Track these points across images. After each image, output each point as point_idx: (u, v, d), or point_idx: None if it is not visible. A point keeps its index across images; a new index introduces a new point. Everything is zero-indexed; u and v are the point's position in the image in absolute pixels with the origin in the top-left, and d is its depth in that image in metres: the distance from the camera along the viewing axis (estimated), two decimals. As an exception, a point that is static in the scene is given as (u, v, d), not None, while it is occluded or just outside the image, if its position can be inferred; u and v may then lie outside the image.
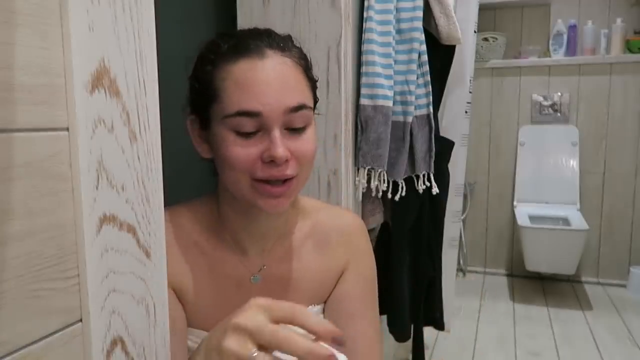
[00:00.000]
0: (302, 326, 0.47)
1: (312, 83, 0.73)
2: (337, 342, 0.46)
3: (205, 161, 0.74)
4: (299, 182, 0.70)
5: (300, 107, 0.67)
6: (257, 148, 0.66)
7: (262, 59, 0.66)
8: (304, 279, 0.79)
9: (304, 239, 0.80)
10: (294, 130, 0.68)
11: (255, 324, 0.46)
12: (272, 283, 0.77)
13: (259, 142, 0.66)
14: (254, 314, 0.47)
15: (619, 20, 2.95)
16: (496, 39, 3.14)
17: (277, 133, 0.65)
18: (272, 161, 0.65)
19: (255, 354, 0.45)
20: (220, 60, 0.68)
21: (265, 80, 0.65)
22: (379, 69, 1.23)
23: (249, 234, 0.76)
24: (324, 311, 0.82)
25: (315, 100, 0.74)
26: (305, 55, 0.73)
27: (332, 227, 0.82)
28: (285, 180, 0.67)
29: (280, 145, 0.65)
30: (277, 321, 0.47)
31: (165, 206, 0.53)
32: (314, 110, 0.73)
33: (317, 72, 0.78)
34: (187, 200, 0.79)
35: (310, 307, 0.79)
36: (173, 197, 0.72)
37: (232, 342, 0.46)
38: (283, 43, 0.70)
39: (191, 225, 0.75)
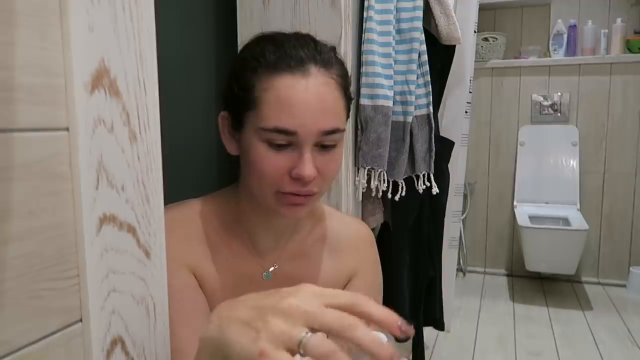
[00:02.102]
0: (366, 315, 0.42)
1: (349, 102, 0.74)
2: (405, 334, 0.42)
3: (232, 157, 0.76)
4: (319, 195, 0.73)
5: (334, 131, 0.69)
6: (286, 162, 0.68)
7: (305, 77, 0.67)
8: (314, 280, 0.80)
9: (316, 242, 0.82)
10: (324, 148, 0.70)
11: (313, 307, 0.42)
12: (283, 281, 0.78)
13: (289, 157, 0.68)
14: (309, 297, 0.44)
15: (619, 20, 2.95)
16: (496, 39, 3.14)
17: (308, 154, 0.67)
18: (299, 178, 0.67)
19: (309, 334, 0.40)
20: (264, 69, 0.68)
21: (305, 102, 0.66)
22: (379, 69, 1.23)
23: (264, 231, 0.78)
24: None
25: (349, 113, 0.76)
26: (346, 72, 0.74)
27: (343, 234, 0.84)
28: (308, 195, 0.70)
29: (310, 166, 0.67)
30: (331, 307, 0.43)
31: (165, 206, 0.53)
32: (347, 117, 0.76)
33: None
34: (209, 193, 0.81)
35: None
36: (173, 197, 0.72)
37: (281, 323, 0.41)
38: (327, 57, 0.70)
39: (210, 219, 0.77)
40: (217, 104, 1.20)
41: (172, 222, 0.71)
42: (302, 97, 0.66)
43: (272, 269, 0.78)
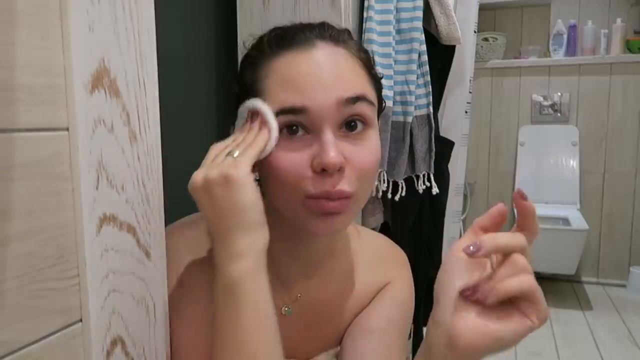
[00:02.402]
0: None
1: (376, 81, 0.61)
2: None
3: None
4: (357, 199, 0.58)
5: (358, 99, 0.55)
6: (306, 153, 0.55)
7: (309, 50, 0.56)
8: (342, 307, 0.72)
9: (347, 264, 0.73)
10: (350, 130, 0.56)
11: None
12: (307, 312, 0.70)
13: (309, 146, 0.55)
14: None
15: (619, 20, 2.95)
16: (496, 39, 3.14)
17: (328, 134, 0.54)
18: (323, 170, 0.54)
19: None
20: (262, 57, 0.59)
21: (312, 71, 0.55)
22: (378, 69, 1.23)
23: (291, 258, 0.67)
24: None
25: (380, 104, 0.63)
26: (365, 50, 0.62)
27: (376, 253, 0.76)
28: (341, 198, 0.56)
29: (332, 149, 0.54)
30: None
31: (165, 208, 0.53)
32: (378, 115, 0.62)
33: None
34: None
35: (332, 350, 0.73)
36: (173, 197, 0.72)
37: None
38: (338, 34, 0.60)
39: None
40: (217, 105, 1.20)
41: (187, 247, 0.63)
42: (306, 68, 0.55)
43: (296, 300, 0.69)
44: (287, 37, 0.58)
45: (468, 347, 0.47)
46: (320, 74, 0.55)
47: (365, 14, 1.25)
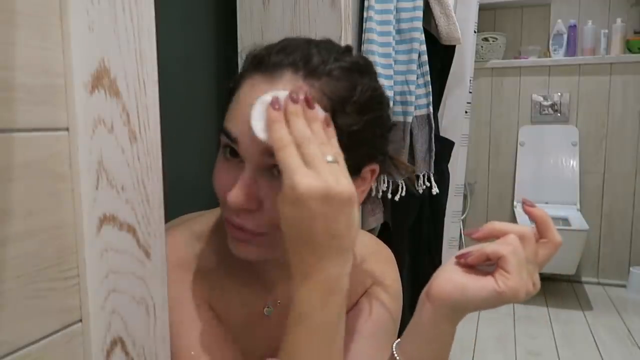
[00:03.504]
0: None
1: (345, 129, 0.52)
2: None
3: None
4: (273, 240, 0.55)
5: None
6: (230, 179, 0.54)
7: (272, 81, 0.53)
8: None
9: None
10: (279, 173, 0.49)
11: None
12: (286, 313, 0.70)
13: (236, 173, 0.54)
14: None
15: (619, 20, 2.95)
16: (496, 39, 3.14)
17: (247, 173, 0.53)
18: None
19: None
20: (243, 68, 0.59)
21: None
22: (378, 69, 1.23)
23: (269, 261, 0.66)
24: None
25: (361, 151, 0.56)
26: (352, 91, 0.54)
27: (361, 252, 0.74)
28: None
29: (238, 190, 0.52)
30: None
31: (165, 208, 0.53)
32: (361, 165, 0.57)
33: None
34: (207, 213, 0.70)
35: None
36: (173, 197, 0.72)
37: None
38: (316, 67, 0.54)
39: (217, 247, 0.66)
40: (217, 105, 1.20)
41: (178, 253, 0.64)
42: (253, 99, 0.51)
43: (279, 302, 0.69)
44: (264, 58, 0.55)
45: (438, 294, 0.53)
46: None
47: (365, 14, 1.25)
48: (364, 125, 0.55)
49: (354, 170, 0.55)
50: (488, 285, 0.51)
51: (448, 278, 0.53)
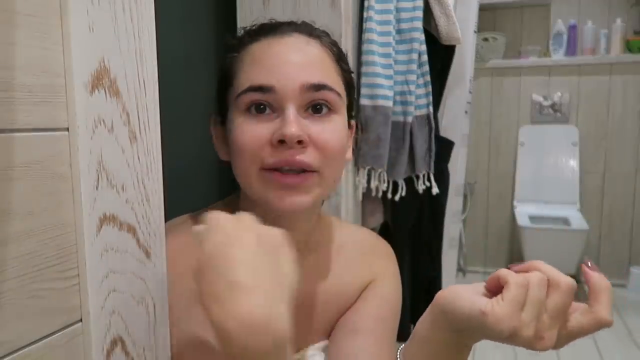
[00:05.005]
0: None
1: (346, 75, 0.65)
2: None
3: (225, 165, 0.67)
4: (322, 179, 0.59)
5: (322, 87, 0.58)
6: (268, 129, 0.57)
7: (284, 37, 0.61)
8: (327, 301, 0.72)
9: (331, 257, 0.73)
10: (316, 112, 0.59)
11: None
12: (291, 307, 0.70)
13: (272, 123, 0.57)
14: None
15: (619, 20, 2.95)
16: (496, 39, 3.14)
17: (291, 110, 0.57)
18: (283, 142, 0.55)
19: None
20: (241, 43, 0.63)
21: (283, 55, 0.59)
22: (378, 69, 1.22)
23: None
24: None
25: (350, 99, 0.66)
26: (339, 46, 0.66)
27: (360, 247, 0.76)
28: (303, 172, 0.57)
29: (294, 123, 0.55)
30: None
31: (165, 208, 0.53)
32: (351, 110, 0.66)
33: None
34: (201, 210, 0.70)
35: (322, 342, 0.73)
36: (173, 198, 0.72)
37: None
38: (313, 30, 0.64)
39: None
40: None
41: (175, 252, 0.62)
42: (279, 51, 0.59)
43: None
44: (266, 27, 0.63)
45: (437, 296, 0.52)
46: (290, 58, 0.59)
47: (365, 14, 1.25)
48: (350, 73, 0.67)
49: (349, 115, 0.66)
50: (478, 302, 0.47)
51: (455, 286, 0.52)
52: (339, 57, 0.65)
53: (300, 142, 0.56)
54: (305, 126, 0.57)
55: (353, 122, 0.70)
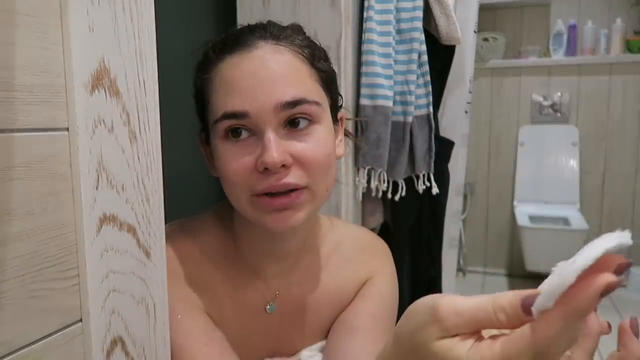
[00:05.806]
0: None
1: (323, 74, 0.62)
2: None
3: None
4: (312, 193, 0.59)
5: (297, 102, 0.56)
6: (252, 156, 0.57)
7: (250, 51, 0.58)
8: (324, 301, 0.72)
9: (326, 258, 0.73)
10: (294, 127, 0.57)
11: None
12: (288, 309, 0.71)
13: (254, 148, 0.57)
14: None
15: (619, 20, 2.94)
16: (496, 39, 3.14)
17: (270, 135, 0.55)
18: (267, 169, 0.55)
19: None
20: (209, 61, 0.61)
21: (251, 74, 0.56)
22: (378, 69, 1.23)
23: (267, 256, 0.68)
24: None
25: (333, 96, 0.64)
26: (312, 44, 0.63)
27: (356, 245, 0.76)
28: (292, 191, 0.57)
29: (274, 149, 0.55)
30: None
31: (165, 208, 0.53)
32: (336, 105, 0.65)
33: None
34: (195, 219, 0.71)
35: (319, 343, 0.74)
36: (173, 197, 0.72)
37: None
38: (280, 32, 0.61)
39: (208, 250, 0.67)
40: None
41: (171, 263, 0.63)
42: (247, 70, 0.56)
43: (275, 298, 0.69)
44: (229, 41, 0.60)
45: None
46: (260, 78, 0.56)
47: (365, 14, 1.25)
48: (331, 69, 0.65)
49: (335, 110, 0.65)
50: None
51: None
52: (313, 57, 0.62)
53: (283, 165, 0.56)
54: (287, 147, 0.57)
55: (341, 113, 0.69)
